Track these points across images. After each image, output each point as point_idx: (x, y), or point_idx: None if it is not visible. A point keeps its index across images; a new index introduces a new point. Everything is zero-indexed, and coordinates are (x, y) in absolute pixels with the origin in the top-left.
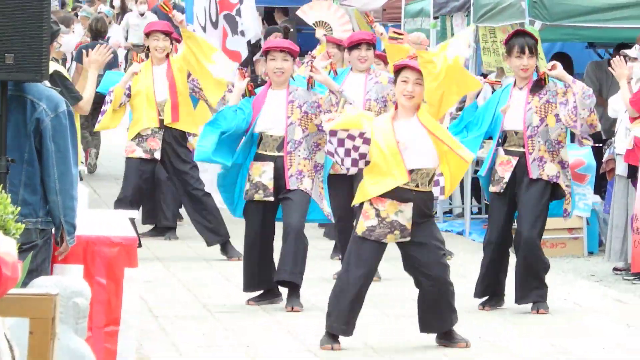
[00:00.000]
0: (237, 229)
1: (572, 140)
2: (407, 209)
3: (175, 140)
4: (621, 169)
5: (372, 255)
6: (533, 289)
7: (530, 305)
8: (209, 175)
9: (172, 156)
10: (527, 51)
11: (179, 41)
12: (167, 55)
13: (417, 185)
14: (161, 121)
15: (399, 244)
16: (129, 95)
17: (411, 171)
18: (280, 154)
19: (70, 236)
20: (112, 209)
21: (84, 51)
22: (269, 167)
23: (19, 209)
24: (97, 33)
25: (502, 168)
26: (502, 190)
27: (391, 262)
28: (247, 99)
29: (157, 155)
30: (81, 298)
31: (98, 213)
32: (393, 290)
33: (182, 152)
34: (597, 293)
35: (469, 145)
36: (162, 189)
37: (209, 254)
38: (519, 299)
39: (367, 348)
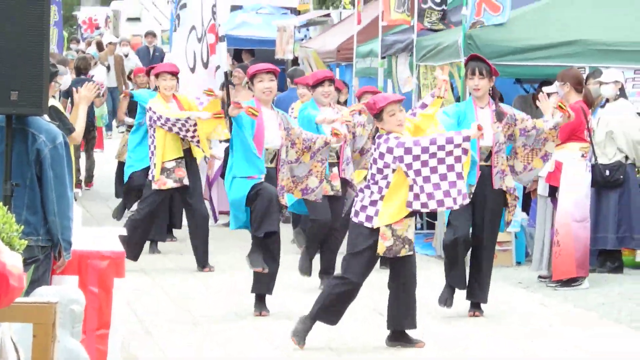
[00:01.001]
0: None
1: None
2: (412, 223)
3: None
4: (542, 188)
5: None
6: (484, 289)
7: (466, 309)
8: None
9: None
10: (477, 73)
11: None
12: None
13: None
14: (185, 151)
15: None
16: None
17: None
18: (273, 165)
19: (67, 251)
20: (104, 227)
21: (74, 88)
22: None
23: (22, 227)
24: (79, 70)
25: None
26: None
27: None
28: (252, 121)
29: (186, 181)
30: (77, 305)
31: (90, 230)
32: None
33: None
34: (524, 298)
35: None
36: None
37: (193, 266)
38: (471, 296)
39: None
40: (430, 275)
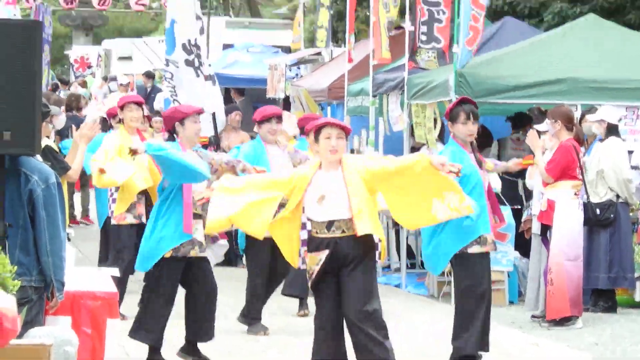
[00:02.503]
0: None
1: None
2: (323, 256)
3: None
4: (536, 227)
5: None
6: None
7: None
8: None
9: None
10: (472, 117)
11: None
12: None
13: (342, 232)
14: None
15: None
16: None
17: (330, 222)
18: None
19: (60, 292)
20: (97, 267)
21: (73, 126)
22: None
23: (15, 268)
24: (70, 109)
25: None
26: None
27: None
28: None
29: (144, 220)
30: (70, 347)
31: (83, 271)
32: None
33: None
34: (518, 338)
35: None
36: None
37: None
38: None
39: None
40: (424, 316)
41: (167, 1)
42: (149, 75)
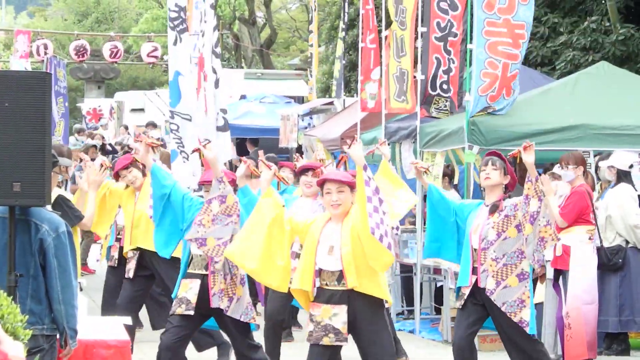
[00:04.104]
0: None
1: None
2: (340, 311)
3: None
4: (550, 273)
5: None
6: None
7: None
8: None
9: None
10: (489, 163)
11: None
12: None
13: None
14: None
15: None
16: None
17: (341, 273)
18: None
19: (73, 340)
20: (109, 316)
21: (77, 175)
22: None
23: (26, 317)
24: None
25: None
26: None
27: None
28: None
29: (130, 274)
30: None
31: (95, 319)
32: None
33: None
34: None
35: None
36: None
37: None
38: None
39: None
40: None
41: (168, 54)
42: (152, 124)
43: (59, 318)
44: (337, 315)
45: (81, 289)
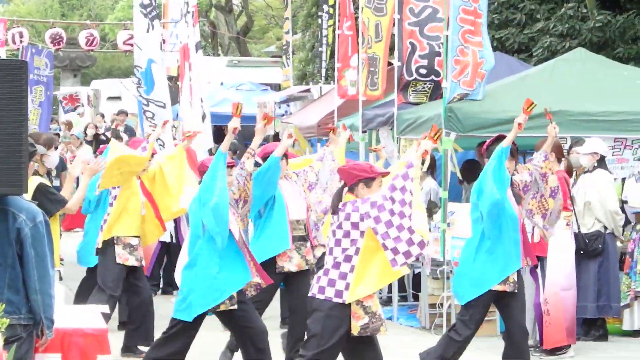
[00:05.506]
0: None
1: None
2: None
3: None
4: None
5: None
6: None
7: None
8: None
9: None
10: (509, 155)
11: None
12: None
13: None
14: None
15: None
16: None
17: None
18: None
19: (49, 329)
20: (87, 305)
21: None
22: None
23: (4, 306)
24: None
25: None
26: None
27: None
28: None
29: (144, 262)
30: None
31: (73, 308)
32: None
33: None
34: None
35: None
36: None
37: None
38: None
39: None
40: (416, 349)
41: (138, 42)
42: (126, 114)
43: (35, 308)
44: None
45: (61, 278)
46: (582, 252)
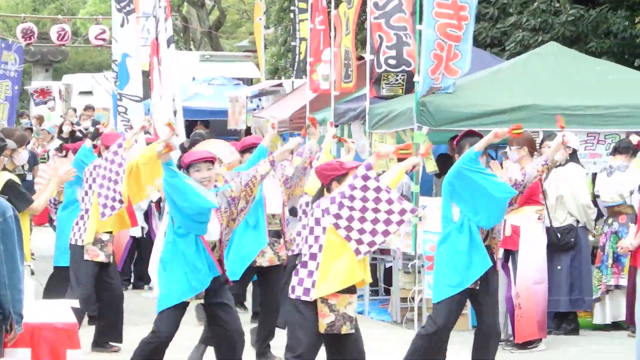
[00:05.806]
0: None
1: None
2: (354, 300)
3: None
4: (500, 253)
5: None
6: None
7: None
8: None
9: None
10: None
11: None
12: None
13: None
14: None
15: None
16: None
17: None
18: None
19: (18, 324)
20: (57, 299)
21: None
22: None
23: None
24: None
25: None
26: None
27: None
28: None
29: (112, 259)
30: None
31: (43, 303)
32: None
33: None
34: None
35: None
36: None
37: None
38: None
39: None
40: (387, 343)
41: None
42: (92, 109)
43: (4, 303)
44: (352, 304)
45: (33, 273)
46: (552, 247)
